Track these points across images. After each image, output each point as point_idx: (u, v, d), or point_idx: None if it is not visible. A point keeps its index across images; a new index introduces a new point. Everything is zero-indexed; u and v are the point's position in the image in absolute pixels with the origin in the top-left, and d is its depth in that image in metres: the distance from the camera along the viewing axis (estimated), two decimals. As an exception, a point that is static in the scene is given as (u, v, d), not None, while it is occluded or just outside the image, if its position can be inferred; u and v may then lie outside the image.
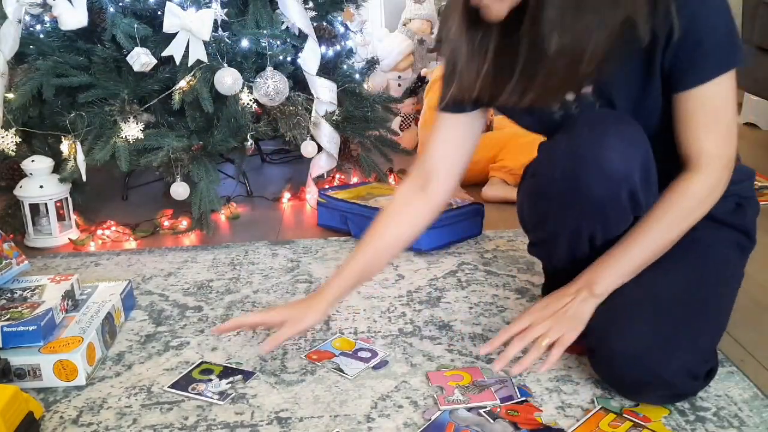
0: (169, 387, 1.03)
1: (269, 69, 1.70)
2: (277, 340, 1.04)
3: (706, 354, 0.95)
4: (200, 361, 1.10)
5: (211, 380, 1.05)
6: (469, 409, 0.95)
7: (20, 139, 1.70)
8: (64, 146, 1.69)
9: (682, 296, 0.96)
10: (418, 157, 1.13)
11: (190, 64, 1.64)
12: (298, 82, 1.82)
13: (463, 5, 0.93)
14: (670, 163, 0.98)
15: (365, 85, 2.07)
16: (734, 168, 0.99)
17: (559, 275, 1.14)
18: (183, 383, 1.04)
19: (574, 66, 0.89)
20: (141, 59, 1.60)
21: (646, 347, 0.91)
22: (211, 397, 1.00)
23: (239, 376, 1.06)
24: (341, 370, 1.06)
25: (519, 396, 0.98)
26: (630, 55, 0.92)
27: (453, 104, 1.05)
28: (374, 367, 1.08)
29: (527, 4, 0.87)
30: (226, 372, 1.07)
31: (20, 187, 1.66)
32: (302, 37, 1.79)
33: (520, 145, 1.87)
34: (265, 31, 1.71)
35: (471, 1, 0.91)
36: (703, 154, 0.94)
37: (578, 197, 0.95)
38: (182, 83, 1.66)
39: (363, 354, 1.11)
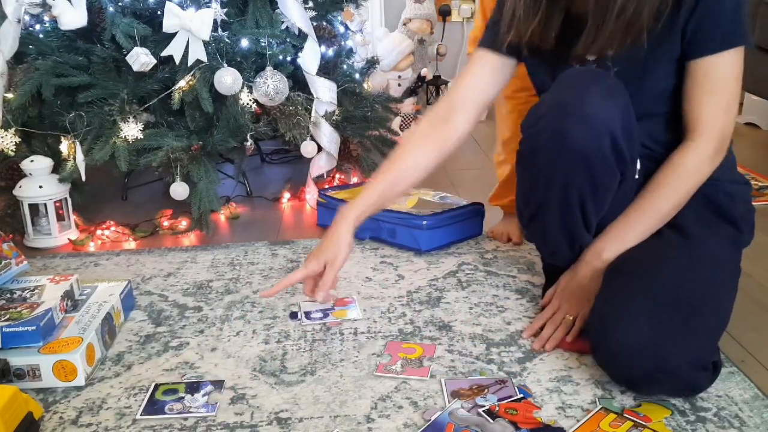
0: (142, 415, 0.97)
1: (269, 69, 1.69)
2: (326, 285, 1.10)
3: (709, 345, 0.95)
4: (153, 384, 1.04)
5: (183, 397, 1.00)
6: (469, 409, 0.95)
7: (19, 139, 1.70)
8: (64, 146, 1.69)
9: (681, 288, 0.96)
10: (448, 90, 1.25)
11: (189, 63, 1.64)
12: (297, 82, 1.82)
13: None
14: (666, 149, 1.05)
15: (365, 85, 2.07)
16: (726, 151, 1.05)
17: (556, 269, 1.15)
18: (156, 407, 0.98)
19: (634, 22, 0.96)
20: (140, 59, 1.60)
21: (648, 337, 0.91)
22: (198, 411, 0.97)
23: (210, 387, 1.03)
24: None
25: (518, 394, 0.98)
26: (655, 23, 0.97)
27: (491, 42, 1.15)
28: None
29: None
30: (193, 387, 1.03)
31: (19, 187, 1.65)
32: (302, 36, 1.79)
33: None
34: (264, 31, 1.71)
35: None
36: (701, 123, 1.01)
37: (562, 146, 0.98)
38: (182, 83, 1.66)
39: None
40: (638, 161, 1.05)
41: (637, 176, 1.06)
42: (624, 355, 0.93)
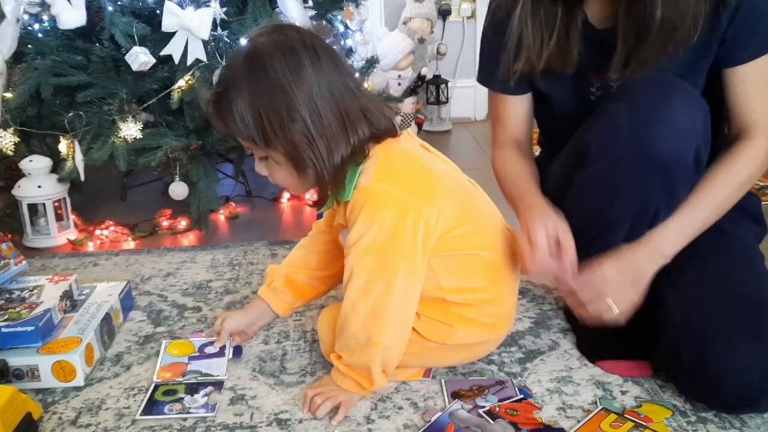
0: (141, 415, 0.97)
1: (268, 68, 1.69)
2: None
3: None
4: (153, 384, 1.04)
5: (183, 398, 1.00)
6: (469, 410, 0.94)
7: (18, 139, 1.70)
8: (63, 146, 1.68)
9: (757, 297, 0.94)
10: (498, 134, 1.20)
11: (188, 63, 1.63)
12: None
13: None
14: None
15: (365, 84, 2.07)
16: None
17: None
18: (155, 408, 0.98)
19: (673, 35, 0.92)
20: (140, 58, 1.60)
21: (754, 359, 0.88)
22: (197, 412, 0.97)
23: (210, 387, 1.02)
24: (211, 375, 1.05)
25: (519, 394, 0.98)
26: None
27: (500, 85, 1.12)
28: (234, 356, 1.10)
29: None
30: (193, 387, 1.02)
31: (18, 186, 1.65)
32: (301, 36, 1.78)
33: None
34: (264, 30, 1.70)
35: None
36: (760, 122, 0.97)
37: (650, 156, 0.91)
38: (181, 82, 1.66)
39: (210, 349, 1.11)
40: None
41: None
42: (730, 378, 0.89)
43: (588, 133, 1.00)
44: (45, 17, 1.72)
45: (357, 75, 2.01)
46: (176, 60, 1.64)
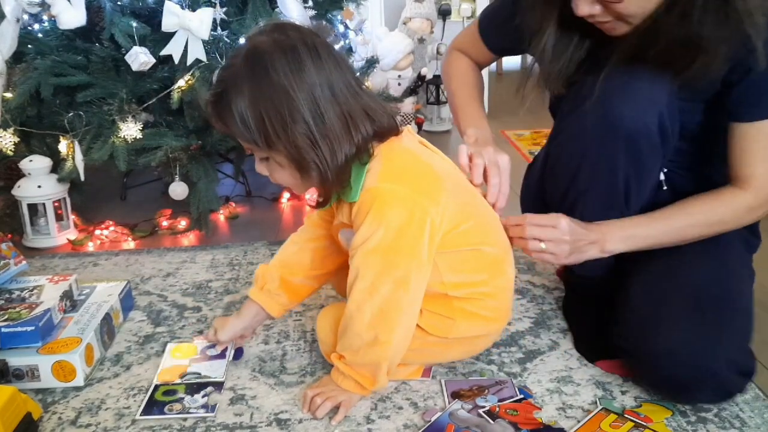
0: (141, 415, 0.97)
1: (268, 68, 1.69)
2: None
3: (744, 347, 0.94)
4: (154, 384, 1.04)
5: (183, 398, 1.00)
6: (469, 410, 0.94)
7: (18, 139, 1.70)
8: (63, 146, 1.68)
9: (715, 291, 0.95)
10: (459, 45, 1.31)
11: (188, 63, 1.63)
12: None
13: (558, 14, 0.98)
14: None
15: (365, 84, 2.06)
16: None
17: (581, 281, 1.13)
18: (155, 408, 0.98)
19: (667, 67, 0.93)
20: (140, 58, 1.59)
21: (693, 343, 0.89)
22: (197, 412, 0.97)
23: (210, 388, 1.02)
24: (209, 376, 1.05)
25: (519, 394, 0.98)
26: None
27: (490, 34, 1.23)
28: (235, 358, 1.10)
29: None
30: (193, 387, 1.02)
31: (18, 186, 1.65)
32: (301, 36, 1.78)
33: None
34: (264, 30, 1.70)
35: (589, 20, 0.94)
36: (754, 177, 0.97)
37: (612, 125, 0.95)
38: (181, 82, 1.65)
39: (212, 351, 1.11)
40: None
41: (665, 187, 1.05)
42: (666, 363, 0.91)
43: (560, 108, 1.04)
44: (45, 17, 1.72)
45: (357, 75, 2.01)
46: (176, 60, 1.64)
